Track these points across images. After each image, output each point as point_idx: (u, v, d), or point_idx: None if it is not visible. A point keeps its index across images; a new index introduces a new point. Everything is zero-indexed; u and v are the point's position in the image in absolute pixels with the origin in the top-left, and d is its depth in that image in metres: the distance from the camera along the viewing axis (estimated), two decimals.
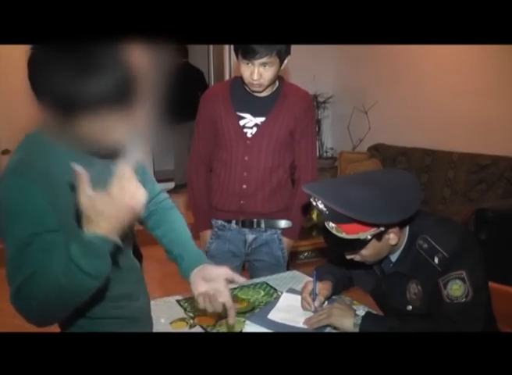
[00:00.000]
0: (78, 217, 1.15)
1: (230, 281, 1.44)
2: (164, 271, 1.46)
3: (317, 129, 5.62)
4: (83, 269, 1.08)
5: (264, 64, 2.04)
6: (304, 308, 1.77)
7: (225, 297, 1.40)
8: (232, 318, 1.41)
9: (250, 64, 2.05)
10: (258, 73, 2.06)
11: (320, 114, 5.63)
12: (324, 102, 5.59)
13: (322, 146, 5.68)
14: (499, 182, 3.92)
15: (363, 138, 5.25)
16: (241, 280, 1.47)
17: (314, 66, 5.25)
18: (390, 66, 4.96)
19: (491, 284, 1.67)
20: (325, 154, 5.68)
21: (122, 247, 1.20)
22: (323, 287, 1.78)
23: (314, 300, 1.74)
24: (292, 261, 3.88)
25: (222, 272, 1.43)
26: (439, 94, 4.53)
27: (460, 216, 3.55)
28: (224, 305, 1.39)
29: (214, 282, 1.41)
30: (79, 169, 1.06)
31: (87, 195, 1.06)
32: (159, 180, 1.70)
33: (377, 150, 4.95)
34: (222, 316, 1.78)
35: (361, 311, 1.65)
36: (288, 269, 2.50)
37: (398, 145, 4.80)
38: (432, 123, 4.59)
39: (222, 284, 1.41)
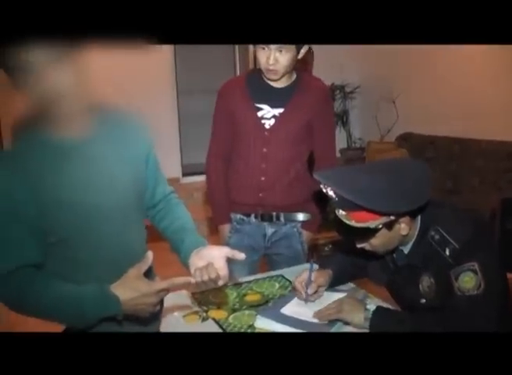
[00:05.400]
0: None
1: (231, 259, 1.45)
2: (178, 266, 1.49)
3: (344, 119, 5.57)
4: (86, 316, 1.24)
5: (280, 49, 2.04)
6: (296, 296, 1.80)
7: (220, 267, 1.41)
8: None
9: (266, 49, 2.05)
10: (274, 58, 2.05)
11: (347, 104, 5.58)
12: (351, 92, 5.53)
13: (350, 137, 5.62)
14: None
15: (391, 128, 5.18)
16: (241, 256, 1.46)
17: (340, 56, 5.19)
18: (417, 55, 4.85)
19: None
20: (353, 145, 5.62)
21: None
22: (320, 276, 1.79)
23: (307, 288, 1.75)
24: (316, 253, 3.86)
25: (222, 251, 1.45)
26: (467, 82, 4.42)
27: (488, 205, 3.48)
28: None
29: (212, 259, 1.42)
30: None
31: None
32: (188, 174, 1.72)
33: (405, 139, 4.86)
34: (235, 309, 1.80)
35: (372, 305, 1.63)
36: (309, 261, 2.48)
37: (426, 134, 4.71)
38: (460, 111, 4.49)
39: (220, 262, 1.42)
